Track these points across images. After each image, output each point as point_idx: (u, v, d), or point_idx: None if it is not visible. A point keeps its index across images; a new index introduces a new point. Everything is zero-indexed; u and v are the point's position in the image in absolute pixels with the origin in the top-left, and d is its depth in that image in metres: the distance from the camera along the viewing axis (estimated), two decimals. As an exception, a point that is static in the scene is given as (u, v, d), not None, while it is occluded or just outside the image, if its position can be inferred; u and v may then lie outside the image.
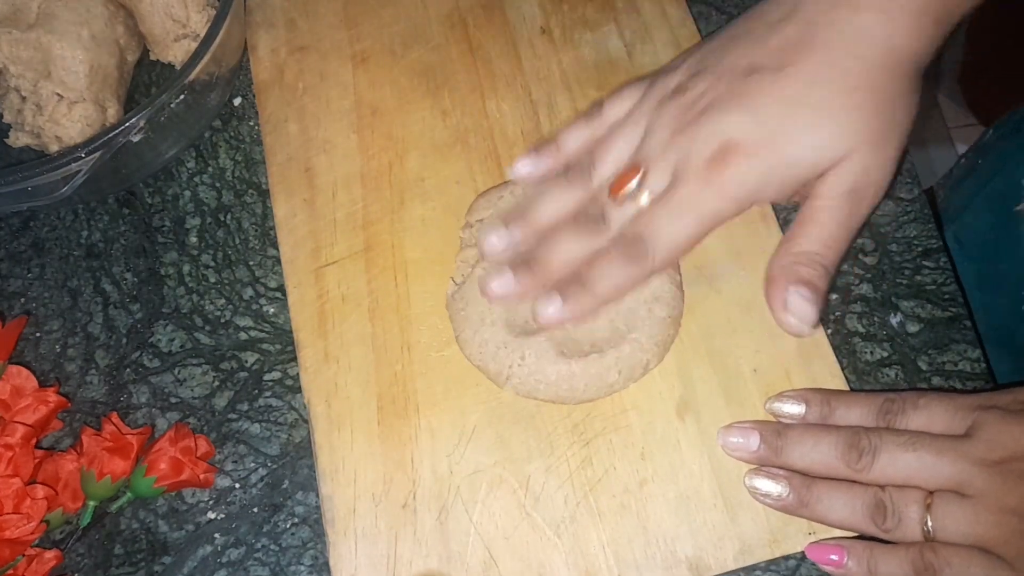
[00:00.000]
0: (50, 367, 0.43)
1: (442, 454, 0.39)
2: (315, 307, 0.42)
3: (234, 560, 0.39)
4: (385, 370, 0.40)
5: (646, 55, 0.47)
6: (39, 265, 0.45)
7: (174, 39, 0.47)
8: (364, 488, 0.38)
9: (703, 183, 0.35)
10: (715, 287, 0.41)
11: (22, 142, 0.46)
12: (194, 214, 0.46)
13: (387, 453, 0.39)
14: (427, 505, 0.38)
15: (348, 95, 0.47)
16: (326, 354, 0.41)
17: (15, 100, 0.46)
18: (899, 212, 0.44)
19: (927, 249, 0.43)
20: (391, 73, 0.47)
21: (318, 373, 0.40)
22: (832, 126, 0.34)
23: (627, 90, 0.40)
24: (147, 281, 0.45)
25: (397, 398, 0.40)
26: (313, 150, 0.45)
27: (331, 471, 0.39)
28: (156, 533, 0.39)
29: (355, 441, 0.39)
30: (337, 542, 0.37)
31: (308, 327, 0.41)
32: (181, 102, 0.43)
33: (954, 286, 0.42)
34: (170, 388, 0.42)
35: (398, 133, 0.46)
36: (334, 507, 0.38)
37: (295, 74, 0.48)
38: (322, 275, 0.42)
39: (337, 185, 0.44)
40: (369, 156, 0.45)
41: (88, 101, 0.45)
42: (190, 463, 0.39)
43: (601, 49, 0.47)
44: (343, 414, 0.40)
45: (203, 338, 0.43)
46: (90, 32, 0.45)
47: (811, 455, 0.34)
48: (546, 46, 0.47)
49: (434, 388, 0.40)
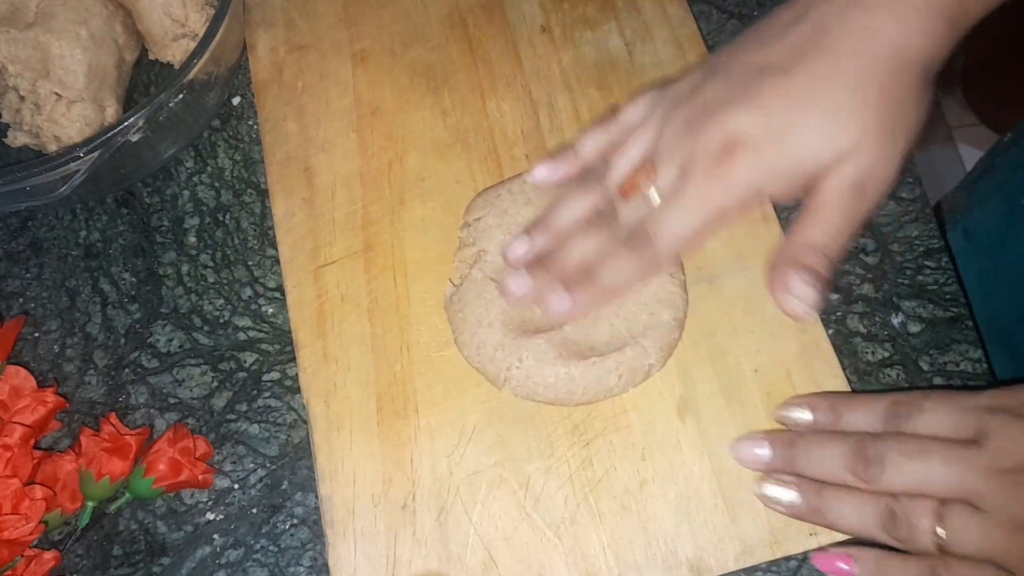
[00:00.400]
0: (48, 367, 0.43)
1: (442, 454, 0.38)
2: (314, 307, 0.42)
3: (233, 561, 0.39)
4: (384, 370, 0.40)
5: (647, 54, 0.46)
6: (37, 265, 0.45)
7: (173, 39, 0.47)
8: (363, 488, 0.38)
9: (709, 178, 0.35)
10: (716, 287, 0.41)
11: (20, 141, 0.46)
12: (193, 214, 0.46)
13: (386, 453, 0.39)
14: (426, 505, 0.38)
15: (348, 94, 0.47)
16: (325, 354, 0.41)
17: (13, 99, 0.45)
18: (900, 212, 0.44)
19: (929, 249, 0.43)
20: (391, 72, 0.47)
21: (317, 373, 0.40)
22: (838, 121, 0.34)
23: (643, 96, 0.40)
24: (146, 281, 0.44)
25: (396, 398, 0.40)
26: (312, 149, 0.45)
27: (330, 471, 0.38)
28: (155, 534, 0.39)
29: (354, 441, 0.39)
30: (336, 543, 0.37)
31: (307, 327, 0.41)
32: (180, 101, 0.42)
33: (955, 286, 0.42)
34: (169, 388, 0.42)
35: (398, 132, 0.45)
36: (333, 508, 0.38)
37: (294, 73, 0.47)
38: (321, 275, 0.42)
39: (336, 184, 0.44)
40: (369, 156, 0.45)
41: (87, 100, 0.45)
42: (189, 464, 0.38)
43: (601, 48, 0.47)
44: (342, 414, 0.39)
45: (202, 338, 0.43)
46: (88, 31, 0.45)
47: (821, 465, 0.34)
48: (546, 45, 0.47)
49: (434, 388, 0.40)
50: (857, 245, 0.43)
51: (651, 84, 0.41)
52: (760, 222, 0.42)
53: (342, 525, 0.38)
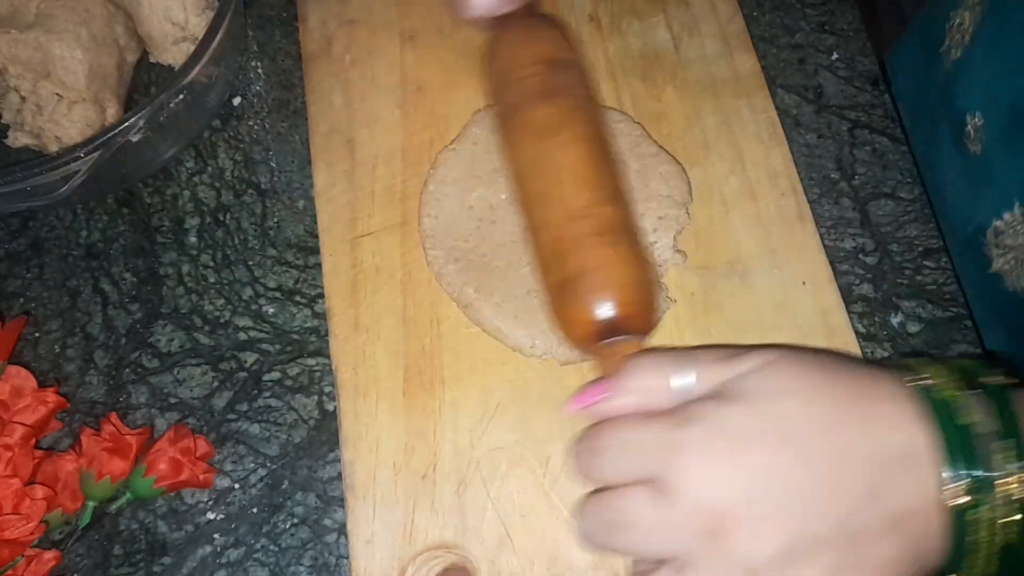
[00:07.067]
0: (49, 367, 0.43)
1: (464, 428, 0.39)
2: (348, 276, 0.42)
3: (233, 561, 0.39)
4: (414, 343, 0.41)
5: (693, 48, 0.47)
6: (38, 265, 0.45)
7: (173, 42, 0.47)
8: (385, 456, 0.39)
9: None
10: (747, 283, 0.41)
11: (21, 142, 0.46)
12: (193, 214, 0.46)
13: (410, 424, 0.39)
14: (447, 477, 0.38)
15: (394, 71, 0.47)
16: (356, 323, 0.41)
17: (15, 100, 0.45)
18: (899, 212, 0.44)
19: (928, 249, 0.43)
20: (438, 52, 0.47)
21: (347, 341, 0.41)
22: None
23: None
24: (146, 281, 0.45)
25: (424, 370, 0.40)
26: (357, 123, 0.46)
27: (354, 437, 0.39)
28: (155, 534, 0.39)
29: (379, 410, 0.39)
30: (355, 507, 0.38)
31: (340, 295, 0.42)
32: (180, 102, 0.42)
33: (955, 286, 0.42)
34: (169, 388, 0.42)
35: (441, 111, 0.46)
36: (355, 473, 0.38)
37: (343, 46, 0.48)
38: (357, 245, 0.43)
39: (378, 158, 0.45)
40: (411, 132, 0.45)
41: (88, 101, 0.45)
42: (189, 463, 0.39)
43: (648, 40, 0.47)
44: (369, 382, 0.40)
45: (202, 338, 0.43)
46: (89, 32, 0.45)
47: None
48: (593, 34, 0.47)
49: (461, 363, 0.40)
50: (856, 245, 0.43)
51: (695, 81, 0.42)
52: (795, 220, 0.42)
53: (363, 490, 0.38)
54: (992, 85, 0.41)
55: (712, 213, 0.42)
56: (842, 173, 0.45)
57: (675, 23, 0.47)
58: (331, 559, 0.39)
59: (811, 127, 0.46)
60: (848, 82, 0.47)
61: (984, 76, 0.42)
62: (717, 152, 0.44)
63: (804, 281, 0.41)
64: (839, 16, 0.49)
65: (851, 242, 0.43)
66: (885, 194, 0.44)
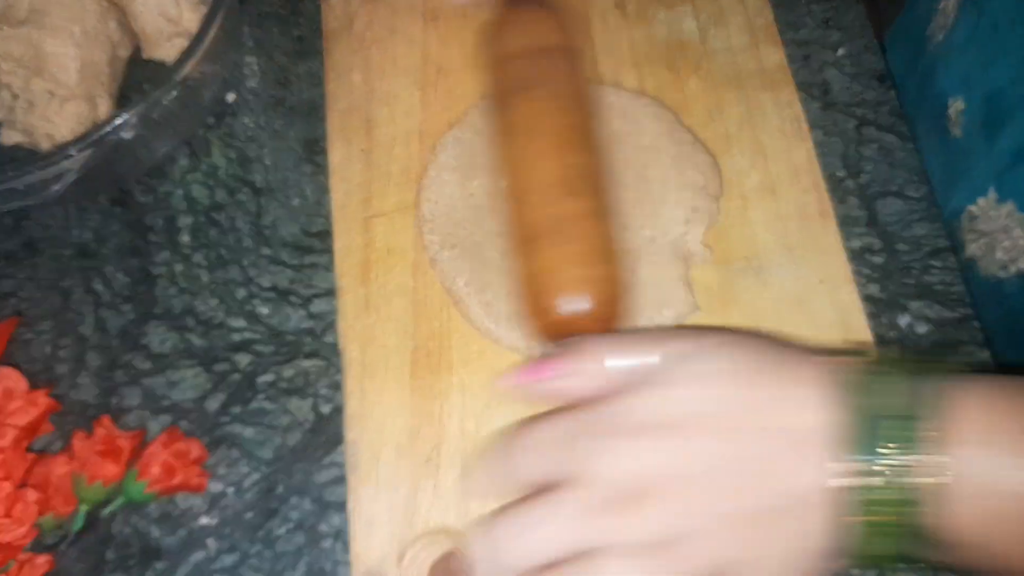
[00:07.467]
0: (41, 369, 0.42)
1: (471, 413, 0.39)
2: (360, 255, 0.42)
3: (228, 566, 0.38)
4: (423, 325, 0.40)
5: (719, 39, 0.46)
6: (31, 265, 0.45)
7: (167, 38, 0.47)
8: (390, 437, 0.38)
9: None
10: (763, 279, 0.40)
11: (13, 140, 0.45)
12: (187, 212, 0.45)
13: (416, 405, 0.39)
14: (451, 461, 0.38)
15: (415, 51, 0.47)
16: (367, 302, 0.41)
17: (6, 97, 0.45)
18: (906, 211, 0.43)
19: (935, 249, 0.42)
20: (461, 33, 0.47)
21: (356, 319, 0.41)
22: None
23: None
24: (139, 281, 0.44)
25: (432, 353, 0.40)
26: (376, 102, 0.46)
27: (359, 417, 0.39)
28: (149, 538, 0.39)
29: (386, 390, 0.39)
30: (358, 487, 0.38)
31: (351, 274, 0.42)
32: (174, 99, 0.42)
33: (962, 287, 0.41)
34: (162, 390, 0.41)
35: (461, 93, 0.45)
36: (359, 452, 0.38)
37: (364, 25, 0.48)
38: (371, 225, 0.43)
39: (396, 139, 0.45)
40: (430, 113, 0.45)
41: (80, 98, 0.44)
42: (182, 467, 0.38)
43: (674, 29, 0.47)
44: (376, 362, 0.40)
45: (195, 339, 0.42)
46: (82, 28, 0.45)
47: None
48: (618, 20, 0.47)
49: (470, 347, 0.40)
50: (863, 244, 0.42)
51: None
52: (816, 216, 0.41)
53: (366, 470, 0.38)
54: (971, 72, 0.41)
55: (731, 207, 0.42)
56: (848, 171, 0.44)
57: (702, 13, 0.47)
58: (327, 565, 0.38)
59: (817, 124, 0.45)
60: (854, 79, 0.46)
61: (963, 62, 0.42)
62: (739, 145, 0.43)
63: (821, 279, 0.40)
64: (843, 11, 0.48)
65: (858, 241, 0.42)
66: (892, 192, 0.44)
